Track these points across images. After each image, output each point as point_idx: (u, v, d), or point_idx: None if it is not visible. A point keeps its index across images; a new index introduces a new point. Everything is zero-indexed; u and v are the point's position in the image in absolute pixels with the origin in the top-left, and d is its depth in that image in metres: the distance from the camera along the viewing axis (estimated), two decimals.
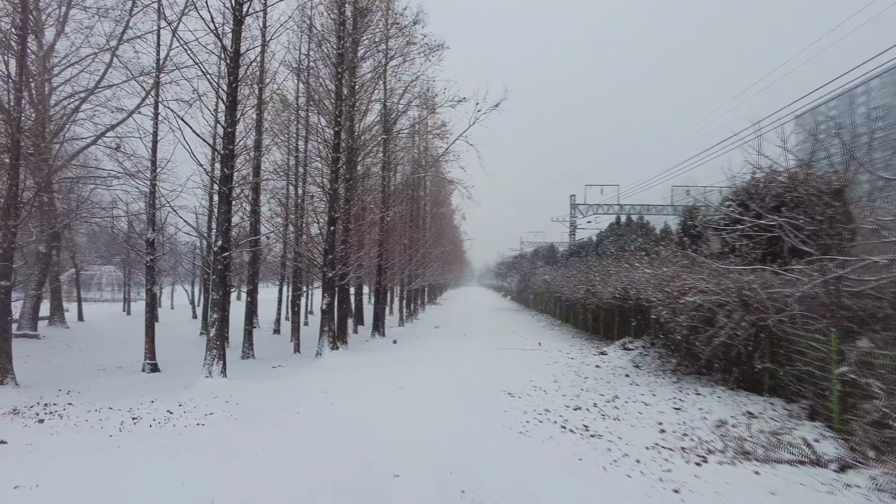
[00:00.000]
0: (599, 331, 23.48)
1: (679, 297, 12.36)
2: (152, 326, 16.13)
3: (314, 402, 10.08)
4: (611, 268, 19.41)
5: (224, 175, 12.89)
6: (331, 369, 13.91)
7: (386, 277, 25.02)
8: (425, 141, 31.80)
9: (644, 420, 9.57)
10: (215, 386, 11.80)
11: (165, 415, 9.12)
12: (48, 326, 22.93)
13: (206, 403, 10.01)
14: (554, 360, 16.06)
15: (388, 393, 10.99)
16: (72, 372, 15.45)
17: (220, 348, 12.67)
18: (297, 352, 19.80)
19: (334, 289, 16.43)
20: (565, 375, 13.71)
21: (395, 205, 23.92)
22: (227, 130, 12.95)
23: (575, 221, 51.72)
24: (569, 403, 10.62)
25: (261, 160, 18.28)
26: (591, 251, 38.25)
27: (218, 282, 12.81)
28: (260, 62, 17.38)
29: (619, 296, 18.43)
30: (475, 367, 14.41)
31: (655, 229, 32.49)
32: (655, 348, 16.33)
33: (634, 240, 29.20)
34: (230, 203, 13.12)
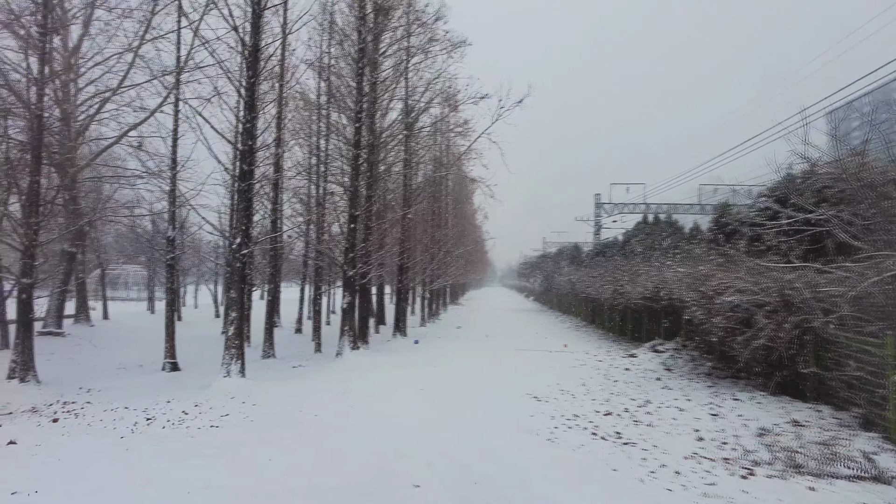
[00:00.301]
0: (627, 332, 22.79)
1: (715, 297, 11.74)
2: (172, 325, 16.02)
3: (332, 404, 9.74)
4: (640, 267, 18.75)
5: (243, 172, 12.67)
6: (350, 370, 13.58)
7: (407, 277, 24.68)
8: (447, 139, 31.43)
9: (679, 427, 9.00)
10: (233, 386, 11.56)
11: (180, 416, 8.86)
12: (74, 324, 23.11)
13: (222, 404, 9.75)
14: (581, 363, 15.50)
15: (409, 395, 10.60)
16: (94, 370, 15.41)
17: (238, 348, 12.43)
18: (319, 351, 19.55)
19: (355, 288, 16.11)
20: (593, 378, 13.16)
21: (417, 203, 23.56)
22: (246, 126, 12.73)
23: (600, 221, 50.79)
24: (599, 408, 10.09)
25: (281, 158, 18.07)
26: (616, 251, 37.40)
27: (236, 280, 12.58)
28: (281, 57, 17.17)
29: (648, 296, 17.78)
30: (499, 369, 13.95)
31: (685, 228, 31.54)
32: (687, 350, 15.67)
33: (663, 239, 28.34)
34: (249, 200, 12.89)
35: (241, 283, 12.63)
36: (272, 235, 16.04)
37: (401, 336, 22.90)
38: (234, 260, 12.61)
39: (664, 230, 30.64)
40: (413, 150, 24.01)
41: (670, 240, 27.71)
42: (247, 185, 12.59)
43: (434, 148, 29.89)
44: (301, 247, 23.58)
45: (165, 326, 15.97)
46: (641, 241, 30.80)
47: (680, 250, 15.15)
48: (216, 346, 21.39)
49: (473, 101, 22.05)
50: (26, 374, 12.70)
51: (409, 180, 22.35)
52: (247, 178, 12.61)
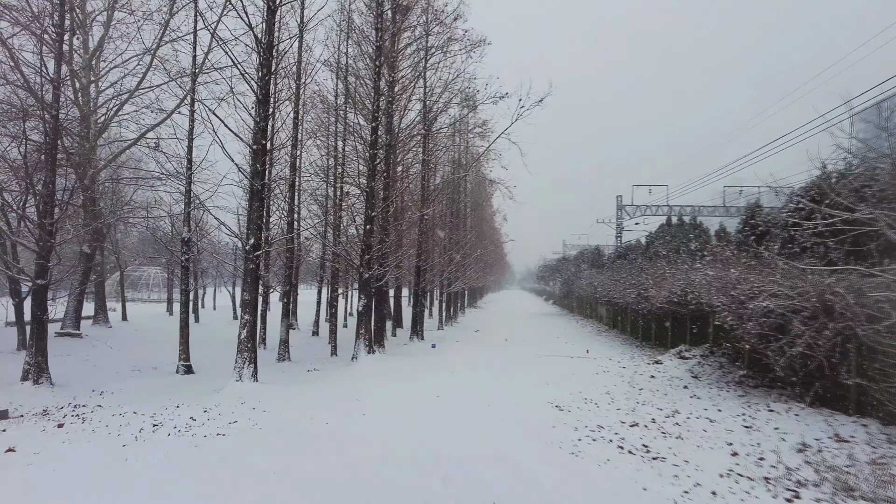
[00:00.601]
0: (650, 337, 22.11)
1: (747, 302, 11.13)
2: (187, 327, 15.84)
3: (345, 411, 9.37)
4: (665, 270, 18.10)
5: (256, 171, 12.40)
6: (365, 375, 13.22)
7: (425, 279, 24.30)
8: (466, 141, 31.03)
9: (711, 440, 8.45)
10: (245, 391, 11.27)
11: (188, 422, 8.56)
12: (92, 326, 23.18)
13: (231, 410, 9.44)
14: (604, 369, 14.95)
15: (425, 402, 10.18)
16: (108, 372, 15.28)
17: (251, 351, 12.15)
18: (335, 354, 19.26)
19: (371, 290, 15.77)
20: (618, 386, 12.61)
21: (435, 204, 23.17)
22: (260, 125, 12.46)
23: (622, 223, 49.87)
24: (624, 419, 9.57)
25: (297, 158, 17.84)
26: (639, 254, 36.61)
27: (249, 282, 12.31)
28: (297, 57, 16.95)
29: (674, 300, 17.13)
30: (519, 376, 13.47)
31: (710, 230, 30.67)
32: (715, 357, 15.02)
33: (688, 241, 27.56)
34: (262, 200, 12.61)
35: (254, 284, 12.36)
36: (286, 237, 15.77)
37: (418, 340, 22.51)
38: (248, 261, 12.34)
39: (689, 232, 29.83)
40: (431, 150, 23.68)
41: (696, 242, 26.94)
42: (260, 184, 12.31)
43: (452, 149, 29.54)
44: (318, 249, 23.31)
45: (180, 329, 15.79)
46: (665, 243, 30.04)
47: (708, 252, 14.50)
48: (232, 348, 21.20)
49: (493, 101, 21.64)
50: (40, 375, 12.57)
51: (427, 181, 21.99)
52: (260, 178, 12.34)
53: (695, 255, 19.56)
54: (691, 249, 21.16)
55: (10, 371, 13.05)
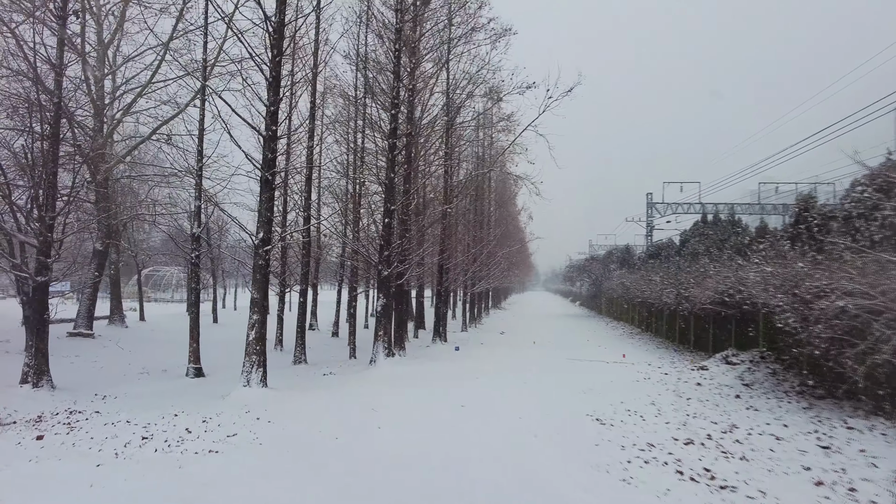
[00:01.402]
0: (689, 341, 20.65)
1: (814, 301, 9.77)
2: (197, 327, 15.02)
3: (358, 424, 8.33)
4: (709, 268, 16.70)
5: (266, 159, 11.47)
6: (383, 380, 12.18)
7: (448, 279, 23.23)
8: (490, 136, 29.89)
9: (783, 463, 7.18)
10: (251, 397, 10.32)
11: (181, 435, 7.61)
12: (108, 326, 22.65)
13: (233, 420, 8.47)
14: (644, 376, 13.66)
15: (448, 414, 9.08)
16: (115, 374, 14.55)
17: (259, 354, 11.21)
18: (353, 357, 18.27)
19: (390, 289, 14.75)
20: (662, 395, 11.34)
21: (459, 200, 22.07)
22: (270, 109, 11.54)
23: (652, 221, 48.13)
24: (677, 435, 8.33)
25: (317, 149, 16.91)
26: (673, 253, 35.03)
27: (259, 279, 11.38)
28: (315, 40, 16.05)
29: (718, 300, 15.74)
30: (552, 383, 12.27)
31: (749, 227, 29.00)
32: (767, 363, 13.61)
33: (727, 238, 26.00)
34: (273, 190, 11.67)
35: (264, 282, 11.42)
36: (297, 230, 14.80)
37: (440, 342, 21.43)
38: (257, 256, 11.42)
39: (727, 230, 28.20)
40: (454, 145, 22.61)
41: (739, 238, 25.36)
42: (270, 173, 11.38)
43: (476, 144, 28.43)
44: (337, 246, 22.37)
45: (190, 329, 14.98)
46: (702, 240, 28.46)
47: (764, 247, 13.13)
48: None
49: (519, 92, 20.50)
50: (40, 378, 11.81)
51: (449, 175, 20.92)
52: (270, 166, 11.40)
53: (743, 251, 18.12)
54: (740, 244, 19.64)
55: (12, 372, 12.36)
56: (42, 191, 12.18)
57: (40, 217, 12.01)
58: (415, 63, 16.73)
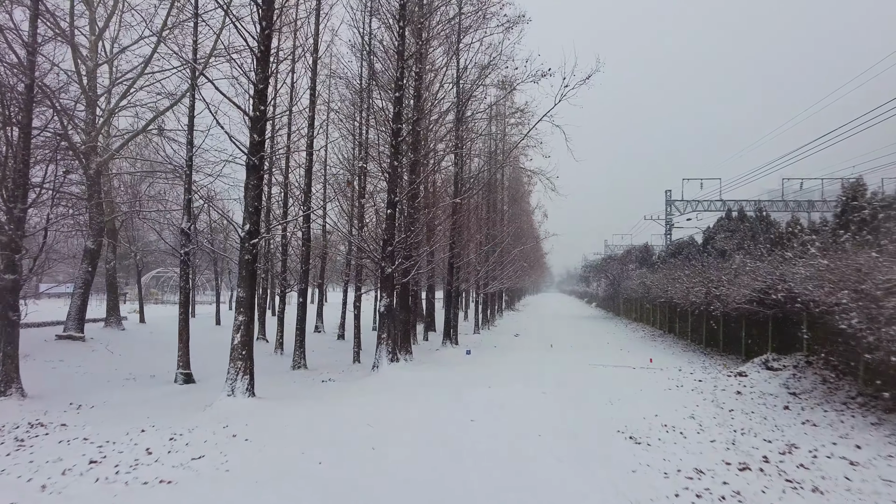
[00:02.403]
0: (718, 343, 19.17)
1: (884, 298, 8.37)
2: (187, 330, 13.92)
3: (349, 444, 7.09)
4: (747, 263, 15.25)
5: (253, 142, 10.30)
6: (386, 389, 10.93)
7: (459, 278, 21.96)
8: (502, 130, 28.58)
9: (865, 497, 5.83)
10: (234, 409, 9.14)
11: (138, 457, 6.45)
12: (104, 328, 21.66)
13: (205, 438, 7.27)
14: (676, 383, 12.27)
15: (455, 431, 7.80)
16: (98, 381, 13.48)
17: (245, 359, 10.03)
18: (357, 361, 17.09)
19: (394, 287, 13.51)
20: (701, 407, 9.96)
21: (470, 194, 20.77)
22: (258, 87, 10.36)
23: (671, 219, 46.46)
24: (728, 457, 6.98)
25: (314, 137, 15.75)
26: (695, 251, 33.45)
27: (245, 276, 10.20)
28: (315, 17, 14.91)
29: (755, 299, 14.31)
30: (573, 392, 10.93)
31: (779, 223, 27.36)
32: (815, 369, 12.17)
33: (755, 234, 24.44)
34: (261, 177, 10.49)
35: (250, 278, 10.24)
36: (290, 220, 13.57)
37: (451, 345, 20.16)
38: (243, 251, 10.24)
39: (755, 225, 26.60)
40: (465, 136, 21.37)
41: (768, 234, 23.79)
42: (257, 157, 10.20)
43: (488, 138, 27.16)
44: (341, 244, 21.14)
45: (178, 332, 13.89)
46: (730, 237, 26.90)
47: (807, 240, 11.70)
48: (256, 355, 19.32)
49: (534, 80, 19.14)
50: (8, 386, 10.77)
51: (460, 165, 19.65)
52: (257, 151, 10.22)
53: (780, 246, 16.65)
54: (776, 238, 18.10)
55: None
56: (11, 181, 11.15)
57: (8, 210, 10.97)
58: (421, 44, 15.50)
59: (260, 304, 24.31)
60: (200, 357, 16.37)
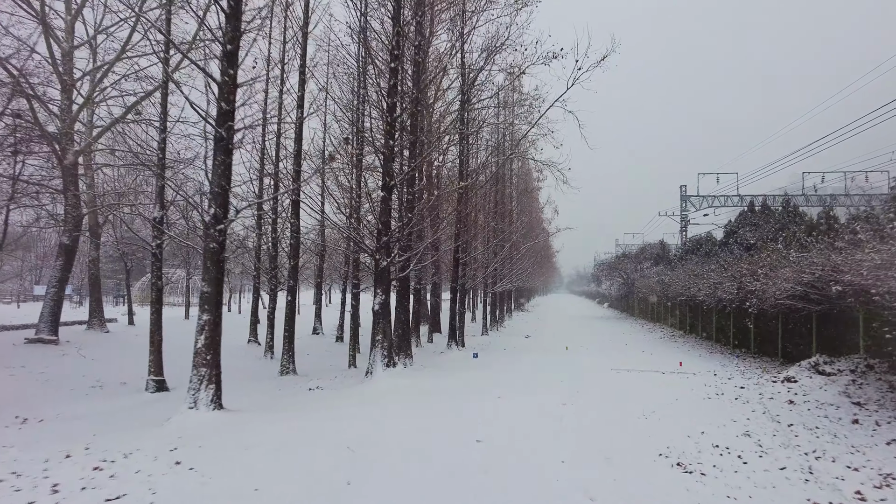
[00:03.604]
0: (749, 344, 17.47)
1: None
2: (159, 332, 12.44)
3: (321, 476, 5.53)
4: (790, 254, 13.57)
5: (221, 112, 8.79)
6: (378, 399, 9.38)
7: (465, 275, 20.38)
8: (510, 119, 26.97)
9: None
10: (192, 426, 7.62)
11: (34, 500, 4.91)
12: (86, 331, 20.30)
13: (138, 468, 5.74)
14: (715, 391, 10.62)
15: (458, 455, 6.22)
16: (61, 389, 12.04)
17: (210, 365, 8.51)
18: (353, 366, 15.57)
19: (390, 283, 11.97)
20: (753, 421, 8.32)
21: (475, 179, 19.18)
22: (227, 48, 8.86)
23: (686, 216, 44.61)
24: (813, 495, 5.37)
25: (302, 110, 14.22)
26: (713, 247, 31.70)
27: (210, 268, 8.67)
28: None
29: (799, 294, 12.64)
30: (599, 403, 9.30)
31: (809, 216, 25.56)
32: (878, 374, 10.50)
33: (783, 227, 22.67)
34: (230, 153, 8.96)
35: (216, 271, 8.71)
36: (255, 202, 11.93)
37: (457, 347, 18.57)
38: (208, 238, 8.72)
39: (782, 218, 24.80)
40: (470, 119, 19.82)
41: (797, 227, 22.03)
42: (225, 129, 8.68)
43: (495, 130, 25.58)
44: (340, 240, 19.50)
45: (150, 335, 12.42)
46: (753, 230, 25.15)
47: (869, 226, 10.04)
48: (235, 356, 17.91)
49: (544, 62, 17.60)
50: None
51: (465, 154, 18.08)
52: (225, 120, 8.71)
53: (817, 237, 14.94)
54: (813, 225, 16.29)
55: None
56: None
57: None
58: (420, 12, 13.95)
59: (253, 304, 22.86)
60: (181, 361, 14.87)
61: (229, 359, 17.58)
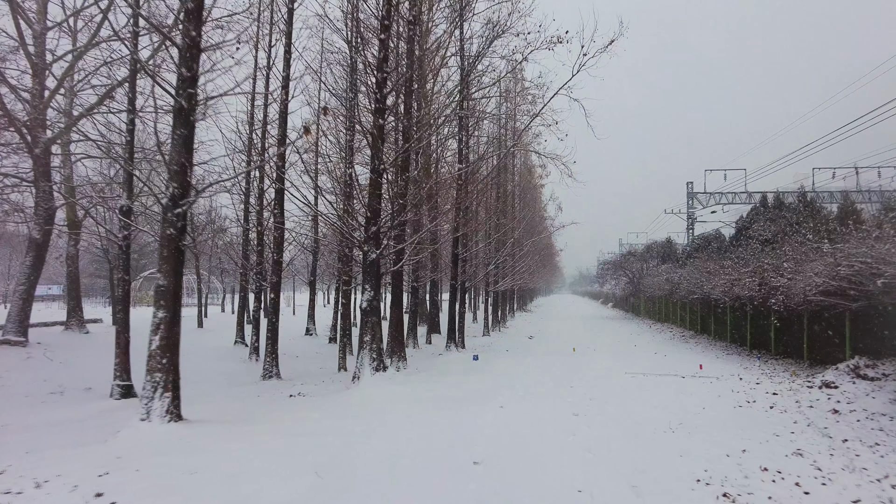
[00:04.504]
0: (769, 345, 16.24)
1: None
2: (126, 333, 11.33)
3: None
4: (825, 244, 12.35)
5: (181, 78, 7.63)
6: (362, 410, 8.19)
7: (465, 272, 19.19)
8: (513, 109, 25.79)
9: None
10: (139, 441, 6.48)
11: None
12: (63, 332, 19.14)
13: (48, 500, 4.56)
14: (746, 398, 9.41)
15: (449, 486, 5.03)
16: (16, 395, 10.91)
17: (167, 371, 7.34)
18: (343, 369, 14.42)
19: (381, 277, 10.79)
20: (800, 436, 7.10)
21: (476, 167, 17.99)
22: (189, 5, 7.69)
23: (693, 213, 43.39)
24: None
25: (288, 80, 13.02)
26: (723, 244, 30.49)
27: (167, 257, 7.50)
28: None
29: (834, 289, 11.43)
30: (617, 413, 8.09)
31: (827, 210, 24.34)
32: None
33: (802, 222, 21.45)
34: (191, 125, 7.79)
35: (175, 261, 7.54)
36: (226, 179, 10.63)
37: (456, 349, 17.37)
38: (165, 222, 7.55)
39: (798, 212, 23.55)
40: (470, 109, 18.64)
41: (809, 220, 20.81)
42: (186, 97, 7.52)
43: (496, 123, 24.41)
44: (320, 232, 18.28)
45: (116, 335, 11.28)
46: (768, 225, 23.92)
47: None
48: (218, 359, 16.77)
49: (548, 47, 16.47)
50: None
51: (465, 140, 16.92)
52: (187, 86, 7.55)
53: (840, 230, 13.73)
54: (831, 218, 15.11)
55: None
56: None
57: None
58: None
59: (240, 302, 21.73)
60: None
61: (212, 361, 16.49)
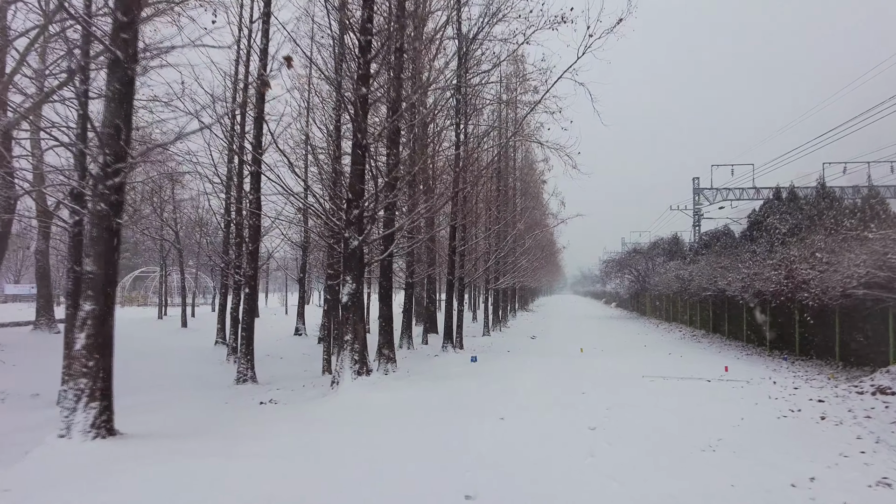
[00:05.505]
0: (793, 344, 14.92)
1: None
2: (72, 334, 9.91)
3: None
4: (867, 231, 11.03)
5: (118, 25, 6.30)
6: (336, 424, 6.85)
7: (464, 267, 17.86)
8: (514, 93, 24.48)
9: None
10: (46, 465, 5.16)
11: None
12: (32, 331, 17.86)
13: None
14: (789, 406, 8.06)
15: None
16: None
17: (93, 375, 6.02)
18: (328, 371, 13.12)
19: (363, 268, 9.47)
20: (873, 456, 5.76)
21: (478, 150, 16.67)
22: None
23: (700, 209, 42.07)
24: None
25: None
26: (732, 240, 29.19)
27: (97, 239, 6.18)
28: None
29: (878, 282, 10.10)
30: (642, 426, 6.74)
31: (843, 204, 23.01)
32: None
33: (819, 214, 20.13)
34: (130, 81, 6.46)
35: (105, 244, 6.21)
36: (162, 143, 9.21)
37: (453, 349, 16.05)
38: (96, 197, 6.23)
39: (817, 206, 22.21)
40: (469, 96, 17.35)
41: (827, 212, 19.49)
42: (121, 45, 6.20)
43: (496, 112, 23.11)
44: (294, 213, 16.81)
45: (65, 334, 9.95)
46: (783, 218, 22.61)
47: None
48: (197, 361, 15.47)
49: (551, 27, 15.22)
50: None
51: (464, 123, 15.62)
52: (122, 31, 6.23)
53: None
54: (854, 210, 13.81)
55: None
56: None
57: None
58: None
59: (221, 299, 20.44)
60: (133, 366, 12.46)
61: (187, 363, 15.15)
